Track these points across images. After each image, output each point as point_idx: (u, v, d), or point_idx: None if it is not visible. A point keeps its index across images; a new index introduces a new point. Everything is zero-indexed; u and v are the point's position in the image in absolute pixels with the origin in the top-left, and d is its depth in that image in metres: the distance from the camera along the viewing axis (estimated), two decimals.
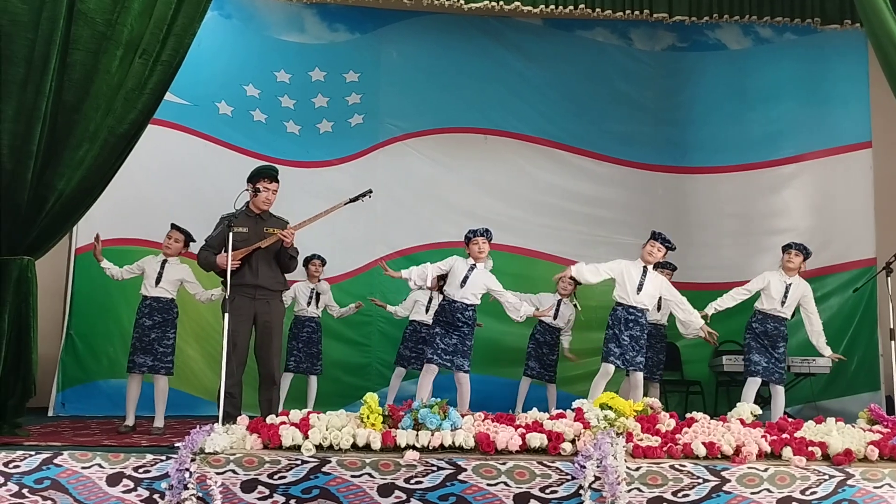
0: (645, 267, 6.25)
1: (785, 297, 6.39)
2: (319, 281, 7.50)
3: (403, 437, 4.15)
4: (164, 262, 6.22)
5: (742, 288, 6.52)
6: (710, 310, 6.43)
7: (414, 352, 7.51)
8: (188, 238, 6.31)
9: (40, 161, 5.05)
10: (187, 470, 3.95)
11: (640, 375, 6.22)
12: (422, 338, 7.41)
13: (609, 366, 6.16)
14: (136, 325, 6.15)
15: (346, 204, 5.79)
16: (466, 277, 6.21)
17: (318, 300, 7.45)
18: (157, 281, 6.16)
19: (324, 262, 7.53)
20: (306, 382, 7.36)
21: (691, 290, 7.59)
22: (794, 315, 6.63)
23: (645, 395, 6.53)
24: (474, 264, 6.27)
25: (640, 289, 6.18)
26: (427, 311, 7.42)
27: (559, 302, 7.41)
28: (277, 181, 5.73)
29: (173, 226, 6.33)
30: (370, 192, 5.83)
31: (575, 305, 7.45)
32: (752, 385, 6.30)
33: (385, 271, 6.30)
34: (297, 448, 4.14)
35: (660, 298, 6.83)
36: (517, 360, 7.67)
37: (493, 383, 7.53)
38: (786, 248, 6.56)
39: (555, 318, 7.37)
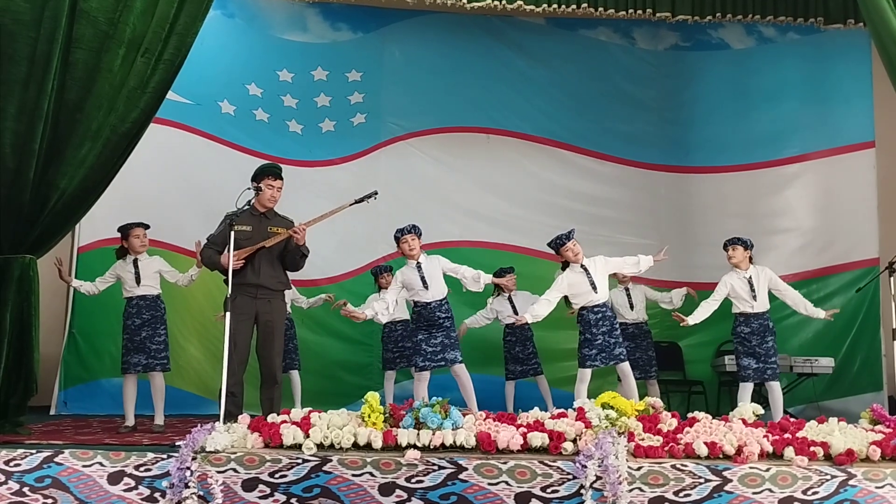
0: (583, 265, 6.21)
1: (752, 290, 6.33)
2: None
3: (405, 436, 4.15)
4: (135, 260, 6.19)
5: (710, 300, 6.41)
6: (693, 321, 6.38)
7: (395, 352, 7.48)
8: (146, 227, 6.26)
9: (42, 160, 5.06)
10: (188, 468, 3.96)
11: (626, 365, 6.18)
12: (399, 335, 7.40)
13: (586, 371, 6.14)
14: (125, 328, 6.14)
15: (351, 205, 5.79)
16: (423, 278, 6.12)
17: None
18: (138, 280, 6.14)
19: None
20: (289, 380, 7.33)
21: (694, 289, 7.58)
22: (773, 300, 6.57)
23: (644, 393, 6.54)
24: (418, 262, 6.17)
25: (594, 287, 6.16)
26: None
27: (510, 298, 7.38)
28: (282, 179, 5.74)
29: (131, 225, 6.24)
30: (376, 193, 5.83)
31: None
32: (745, 390, 6.28)
33: (348, 314, 6.16)
34: (298, 447, 4.14)
35: (627, 294, 7.16)
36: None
37: (486, 381, 7.50)
38: (724, 248, 6.48)
39: (516, 313, 7.30)
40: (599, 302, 6.20)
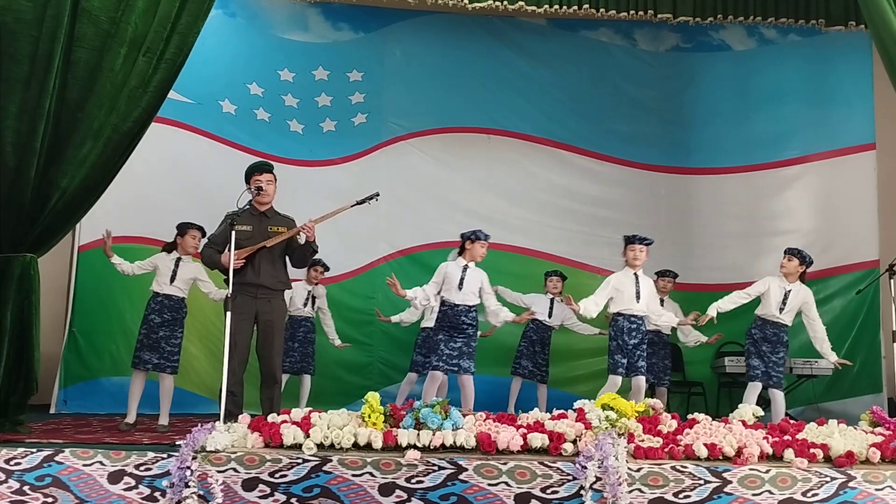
0: (636, 273, 6.24)
1: (783, 303, 6.35)
2: (317, 284, 7.52)
3: (405, 436, 4.15)
4: (178, 259, 6.23)
5: (742, 291, 6.48)
6: (713, 311, 6.40)
7: (427, 357, 7.48)
8: (204, 233, 6.28)
9: (44, 158, 5.06)
10: (188, 468, 3.96)
11: (642, 380, 6.21)
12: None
13: (616, 377, 6.15)
14: (144, 321, 6.14)
15: (352, 206, 5.80)
16: (462, 279, 6.16)
17: (313, 302, 7.49)
18: (172, 279, 6.16)
19: (326, 269, 7.55)
20: (299, 382, 7.36)
21: (694, 290, 7.60)
22: (796, 317, 6.61)
23: (650, 398, 6.55)
24: (466, 265, 6.22)
25: (637, 296, 6.19)
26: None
27: (552, 301, 7.41)
28: (270, 172, 5.73)
29: (191, 224, 6.30)
30: (377, 194, 5.83)
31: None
32: (753, 389, 6.29)
33: (393, 288, 6.14)
34: (298, 447, 4.14)
35: (661, 304, 6.98)
36: (510, 359, 7.69)
37: (485, 382, 7.51)
38: (784, 253, 6.54)
39: (549, 316, 7.37)
40: (638, 313, 6.23)
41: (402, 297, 6.23)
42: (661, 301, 7.28)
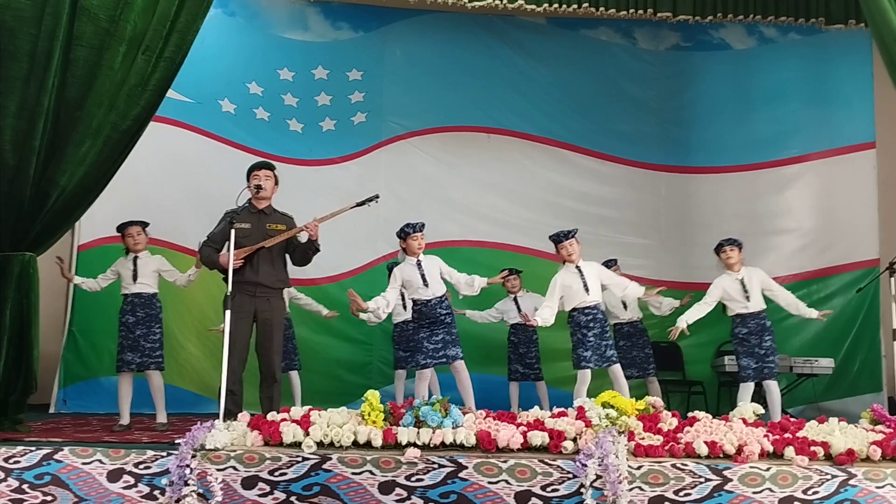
0: (577, 266, 6.24)
1: (745, 291, 6.35)
2: None
3: (404, 434, 4.14)
4: (136, 258, 6.18)
5: (702, 302, 6.45)
6: (682, 323, 6.37)
7: (406, 351, 7.47)
8: (144, 225, 6.26)
9: (43, 157, 5.06)
10: (188, 466, 3.95)
11: (617, 367, 6.18)
12: (410, 335, 7.39)
13: (585, 372, 6.13)
14: (121, 325, 6.12)
15: (352, 208, 5.80)
16: (423, 275, 6.12)
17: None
18: (135, 277, 6.14)
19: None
20: (289, 381, 7.32)
21: (695, 289, 7.56)
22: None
23: (644, 392, 6.54)
24: (418, 260, 6.17)
25: (586, 288, 6.18)
26: (405, 308, 7.28)
27: (515, 299, 7.43)
28: (268, 169, 5.75)
29: (126, 223, 6.23)
30: (377, 196, 5.86)
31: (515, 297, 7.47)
32: (745, 390, 6.29)
33: (353, 302, 6.06)
34: (297, 445, 4.14)
35: (624, 304, 7.11)
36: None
37: (484, 381, 7.50)
38: (718, 249, 6.53)
39: (520, 313, 7.33)
40: (591, 304, 6.21)
41: (364, 310, 6.18)
42: None
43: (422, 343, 6.11)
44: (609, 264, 7.35)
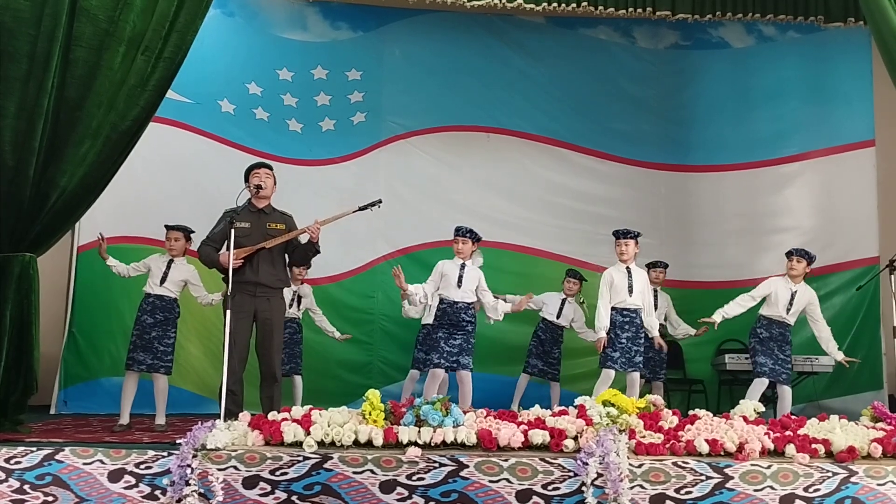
0: (627, 267, 6.25)
1: (790, 304, 6.40)
2: (302, 284, 7.43)
3: (405, 433, 4.14)
4: (171, 261, 6.19)
5: (748, 295, 6.52)
6: (718, 317, 6.43)
7: (428, 354, 7.46)
8: (186, 232, 6.27)
9: (42, 157, 5.05)
10: (189, 466, 3.96)
11: (636, 376, 6.22)
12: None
13: (609, 371, 6.16)
14: (137, 322, 6.11)
15: (354, 212, 5.84)
16: (461, 277, 6.21)
17: (299, 303, 7.39)
18: (163, 280, 6.14)
19: (308, 267, 7.50)
20: (291, 383, 7.32)
21: (694, 288, 7.60)
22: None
23: (649, 394, 6.54)
24: (463, 263, 6.27)
25: (630, 290, 6.20)
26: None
27: (563, 301, 7.42)
28: (267, 168, 5.78)
29: (169, 226, 6.28)
30: (380, 201, 5.90)
31: (581, 303, 7.45)
32: (759, 385, 6.30)
33: (396, 279, 6.18)
34: (298, 444, 4.14)
35: (655, 296, 6.98)
36: (517, 358, 7.67)
37: (493, 381, 7.51)
38: (789, 255, 6.56)
39: (558, 317, 7.38)
40: (631, 306, 6.24)
41: (403, 290, 6.24)
42: (655, 291, 7.24)
43: (439, 342, 6.17)
44: (657, 265, 7.45)
